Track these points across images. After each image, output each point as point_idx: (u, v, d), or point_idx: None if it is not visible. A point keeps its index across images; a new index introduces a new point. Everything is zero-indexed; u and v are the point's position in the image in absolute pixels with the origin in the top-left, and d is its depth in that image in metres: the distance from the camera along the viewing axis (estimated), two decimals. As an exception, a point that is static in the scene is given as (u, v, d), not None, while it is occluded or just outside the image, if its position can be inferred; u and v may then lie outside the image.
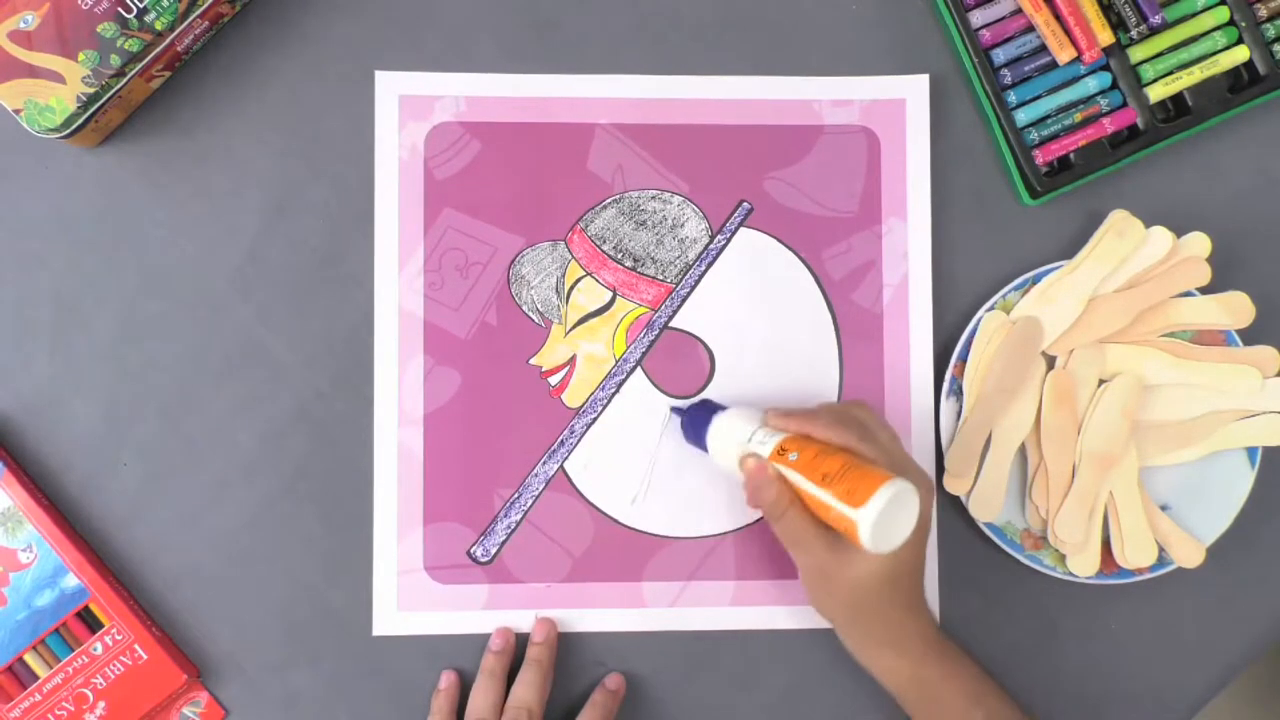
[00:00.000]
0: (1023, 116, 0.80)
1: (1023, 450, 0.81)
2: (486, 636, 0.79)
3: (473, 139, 0.80)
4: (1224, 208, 0.83)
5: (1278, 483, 0.82)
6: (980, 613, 0.81)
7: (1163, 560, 0.80)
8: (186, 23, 0.74)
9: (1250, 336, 0.81)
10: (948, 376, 0.80)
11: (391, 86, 0.80)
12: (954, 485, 0.79)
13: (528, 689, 0.76)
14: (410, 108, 0.80)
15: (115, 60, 0.73)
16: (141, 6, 0.73)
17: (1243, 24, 0.80)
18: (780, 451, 0.70)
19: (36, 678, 0.76)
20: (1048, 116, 0.81)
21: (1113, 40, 0.79)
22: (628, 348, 0.80)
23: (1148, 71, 0.80)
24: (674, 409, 0.80)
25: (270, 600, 0.79)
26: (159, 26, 0.73)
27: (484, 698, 0.76)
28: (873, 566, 0.69)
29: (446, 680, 0.79)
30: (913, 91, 0.81)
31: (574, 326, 0.80)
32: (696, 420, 0.76)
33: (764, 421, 0.73)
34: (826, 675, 0.81)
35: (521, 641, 0.79)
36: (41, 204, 0.79)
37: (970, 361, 0.79)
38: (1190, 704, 0.83)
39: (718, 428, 0.74)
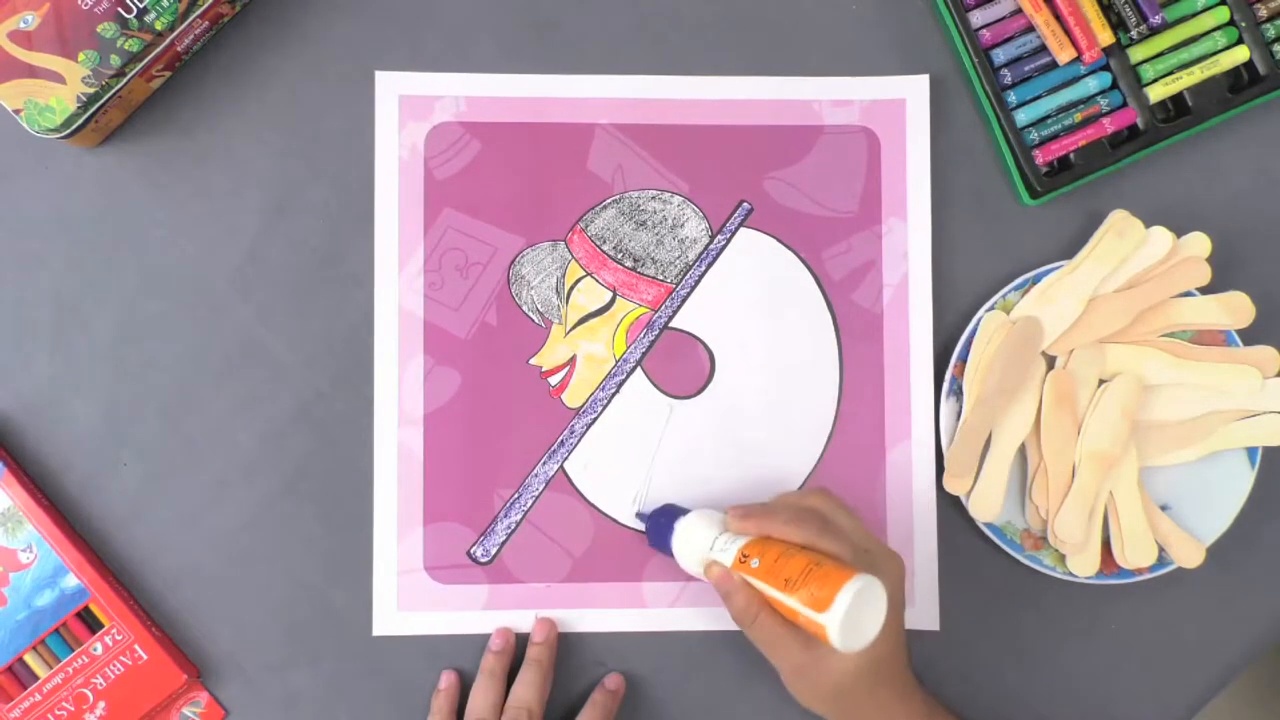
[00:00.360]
0: (1023, 116, 0.80)
1: (1023, 450, 0.81)
2: (487, 636, 0.79)
3: (473, 139, 0.80)
4: (1224, 208, 0.83)
5: (1278, 483, 0.82)
6: (980, 613, 0.81)
7: (1163, 560, 0.80)
8: (186, 23, 0.74)
9: (1250, 336, 0.81)
10: (948, 376, 0.80)
11: (391, 86, 0.80)
12: (954, 485, 0.79)
13: (528, 689, 0.76)
14: (410, 108, 0.80)
15: (115, 60, 0.73)
16: (141, 6, 0.73)
17: (1243, 24, 0.80)
18: (742, 559, 0.70)
19: (36, 678, 0.76)
20: (1048, 116, 0.81)
21: (1113, 40, 0.79)
22: (628, 348, 0.80)
23: (1148, 71, 0.80)
24: (639, 514, 0.80)
25: (270, 600, 0.79)
26: (159, 26, 0.73)
27: (484, 697, 0.76)
28: (850, 660, 0.69)
29: (446, 680, 0.79)
30: (913, 92, 0.81)
31: (574, 326, 0.80)
32: (660, 527, 0.76)
33: (724, 525, 0.73)
34: (826, 675, 0.81)
35: (521, 641, 0.79)
36: (41, 204, 0.79)
37: (970, 361, 0.79)
38: (1190, 704, 0.83)
39: (680, 534, 0.74)
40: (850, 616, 0.63)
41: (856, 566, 0.66)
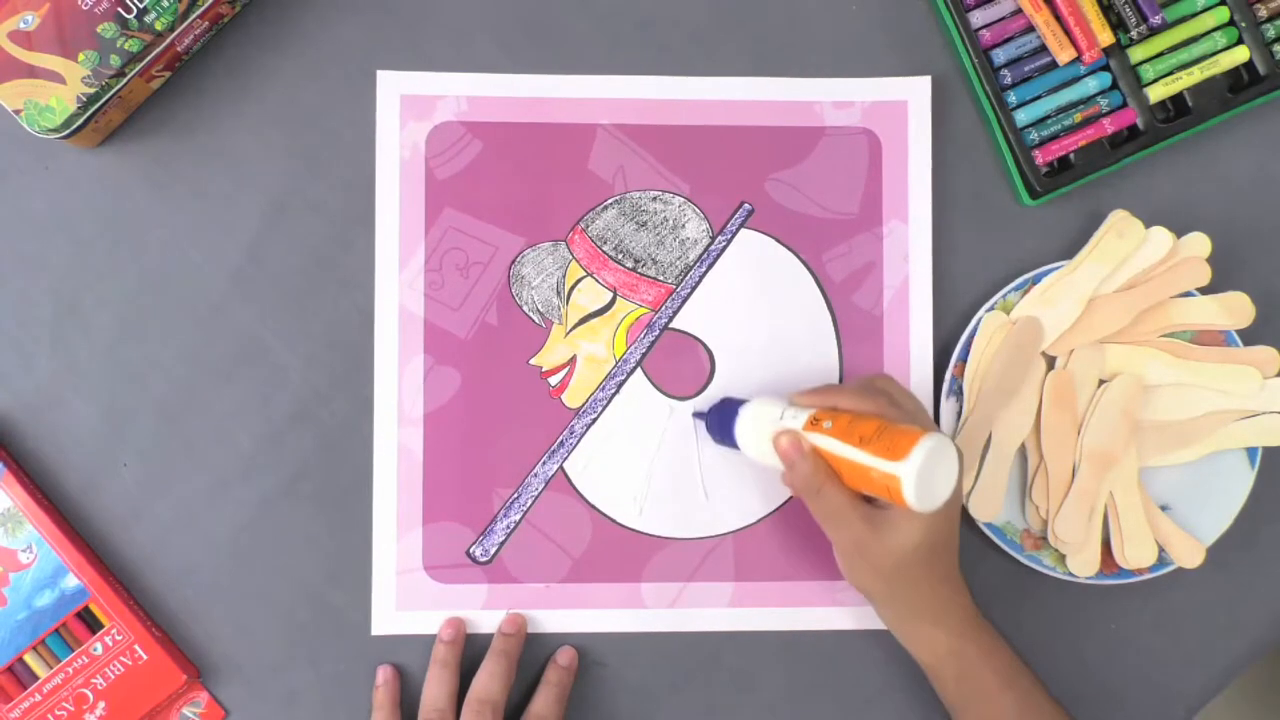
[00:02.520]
0: (1023, 117, 0.80)
1: (1023, 450, 0.81)
2: (486, 636, 0.79)
3: (474, 139, 0.80)
4: (1224, 208, 0.83)
5: (1278, 483, 0.82)
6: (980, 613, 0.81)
7: (1163, 560, 0.80)
8: (186, 23, 0.74)
9: (1250, 336, 0.81)
10: (948, 377, 0.80)
11: (393, 86, 0.80)
12: (954, 485, 0.79)
13: (492, 680, 0.76)
14: (412, 107, 0.80)
15: (115, 60, 0.73)
16: (141, 7, 0.73)
17: (1243, 24, 0.80)
18: (814, 421, 0.70)
19: (36, 678, 0.76)
20: (1048, 117, 0.81)
21: (1113, 40, 0.79)
22: (628, 348, 0.80)
23: (1148, 72, 0.80)
24: (696, 413, 0.80)
25: (270, 600, 0.79)
26: (159, 27, 0.73)
27: (439, 688, 0.76)
28: (910, 536, 0.69)
29: (384, 675, 0.78)
30: (914, 93, 0.81)
31: (574, 327, 0.80)
32: (723, 416, 0.76)
33: (791, 402, 0.73)
34: (825, 676, 0.81)
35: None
36: (41, 204, 0.79)
37: (970, 362, 0.79)
38: (1190, 704, 0.83)
39: (746, 417, 0.74)
40: (925, 469, 0.63)
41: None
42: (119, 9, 0.73)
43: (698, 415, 0.80)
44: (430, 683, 0.76)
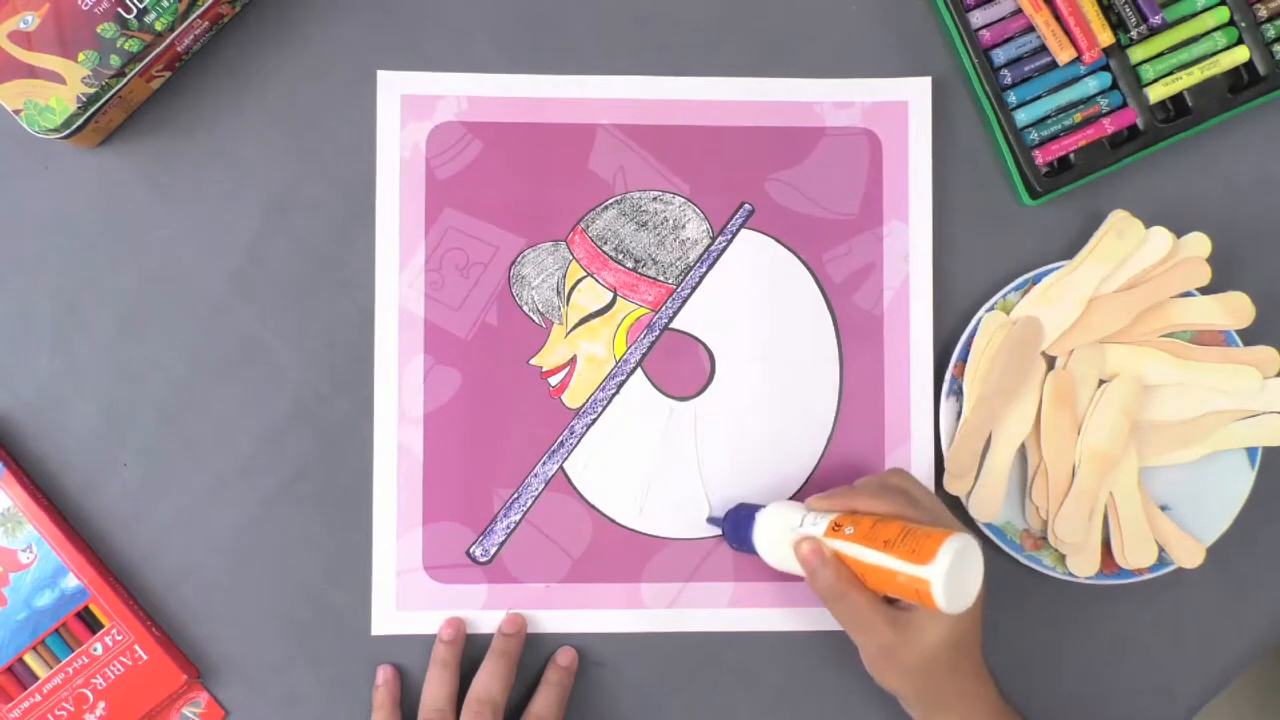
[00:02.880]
0: (1023, 117, 0.80)
1: (1023, 450, 0.81)
2: (486, 636, 0.79)
3: (474, 139, 0.80)
4: (1224, 208, 0.83)
5: (1278, 483, 0.82)
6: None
7: (1163, 560, 0.80)
8: (186, 23, 0.74)
9: (1250, 336, 0.81)
10: (948, 377, 0.80)
11: (393, 86, 0.80)
12: (954, 486, 0.79)
13: (493, 680, 0.76)
14: (412, 107, 0.80)
15: (115, 60, 0.73)
16: (141, 7, 0.73)
17: (1243, 24, 0.80)
18: (835, 528, 0.70)
19: (36, 678, 0.76)
20: (1048, 117, 0.81)
21: (1113, 40, 0.79)
22: (628, 348, 0.80)
23: (1148, 72, 0.80)
24: (710, 519, 0.80)
25: (270, 600, 0.79)
26: (159, 27, 0.73)
27: (440, 688, 0.76)
28: (938, 636, 0.69)
29: (384, 675, 0.78)
30: (915, 94, 0.81)
31: (574, 327, 0.80)
32: (739, 522, 0.76)
33: (809, 508, 0.73)
34: (824, 676, 0.81)
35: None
36: (41, 204, 0.79)
37: (970, 362, 0.79)
38: (1190, 704, 0.83)
39: (764, 524, 0.74)
40: (954, 571, 0.63)
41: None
42: (119, 9, 0.73)
43: (712, 521, 0.80)
44: (430, 683, 0.76)
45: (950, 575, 0.63)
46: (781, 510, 0.74)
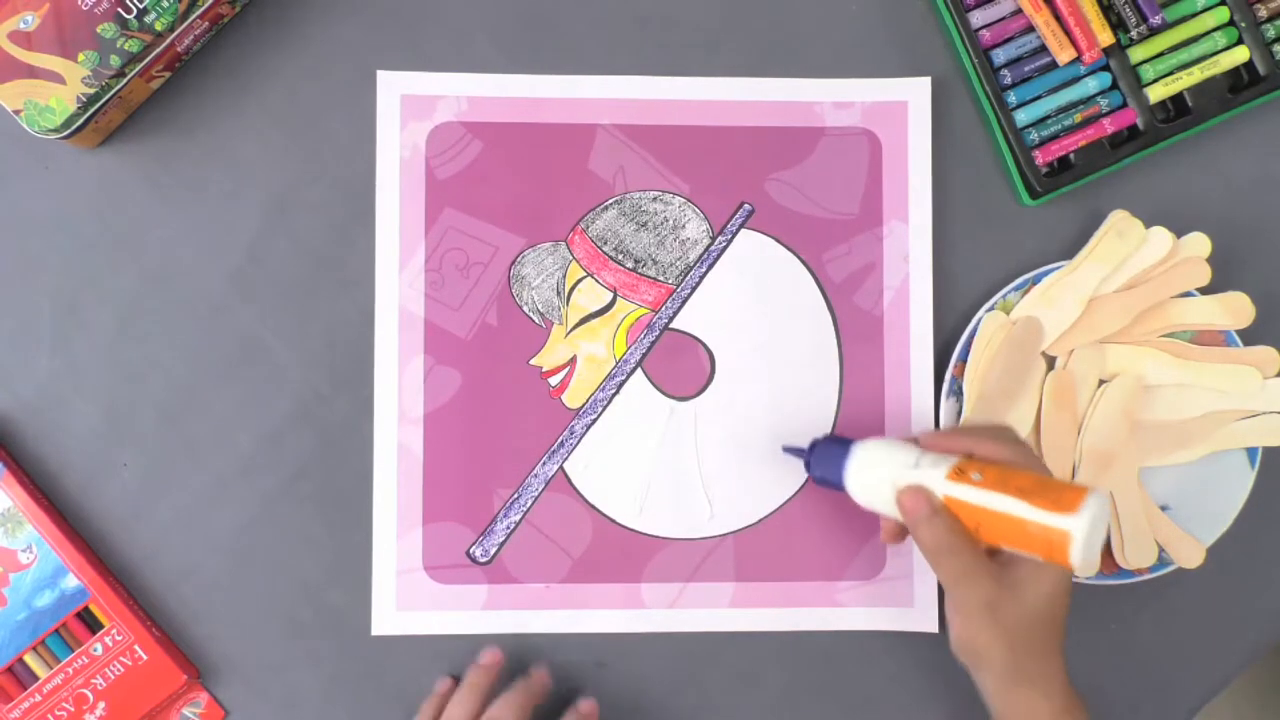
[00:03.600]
0: (1023, 117, 0.80)
1: (1023, 450, 0.81)
2: (485, 637, 0.79)
3: (474, 139, 0.80)
4: (1224, 208, 0.83)
5: (1278, 483, 0.82)
6: (980, 613, 0.81)
7: (1163, 560, 0.80)
8: (186, 23, 0.74)
9: (1250, 336, 0.81)
10: (948, 377, 0.80)
11: (393, 86, 0.80)
12: (954, 485, 0.79)
13: (507, 710, 0.74)
14: (412, 107, 0.80)
15: (115, 61, 0.73)
16: (141, 7, 0.73)
17: (1243, 24, 0.80)
18: (959, 471, 0.66)
19: (36, 678, 0.76)
20: (1048, 117, 0.81)
21: (1113, 40, 0.79)
22: (628, 349, 0.80)
23: (1148, 72, 0.80)
24: (787, 448, 0.77)
25: (270, 600, 0.79)
26: (159, 27, 0.73)
27: (460, 709, 0.74)
28: (1042, 593, 0.67)
29: (442, 687, 0.77)
30: (914, 94, 0.81)
31: (574, 327, 0.80)
32: (829, 454, 0.72)
33: (923, 446, 0.70)
34: (825, 677, 0.81)
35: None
36: (41, 204, 0.79)
37: (970, 362, 0.79)
38: (1190, 704, 0.83)
39: (861, 460, 0.71)
40: (1093, 527, 0.61)
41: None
42: (119, 9, 0.73)
43: (791, 450, 0.76)
44: (454, 702, 0.75)
45: (1091, 530, 0.61)
46: (888, 448, 0.70)
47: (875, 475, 0.70)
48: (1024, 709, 0.70)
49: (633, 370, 0.80)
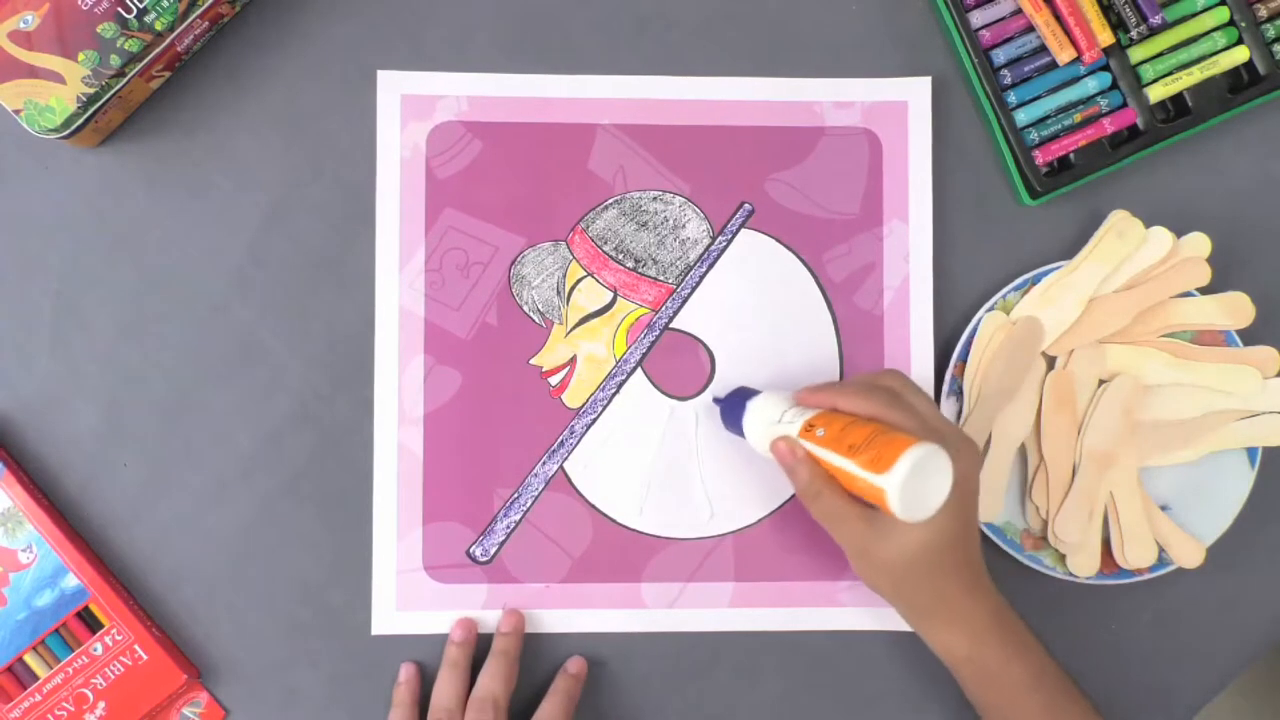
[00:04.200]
0: (1023, 117, 0.80)
1: (1023, 450, 0.81)
2: (487, 636, 0.79)
3: (475, 139, 0.80)
4: (1224, 208, 0.83)
5: (1278, 483, 0.82)
6: (980, 613, 0.81)
7: (1163, 560, 0.80)
8: (186, 23, 0.74)
9: (1250, 336, 0.81)
10: (948, 376, 0.80)
11: (394, 85, 0.80)
12: (954, 485, 0.79)
13: (494, 679, 0.76)
14: (412, 107, 0.80)
15: (115, 60, 0.73)
16: (141, 7, 0.73)
17: (1243, 24, 0.80)
18: (809, 428, 0.69)
19: (36, 678, 0.76)
20: (1048, 117, 0.81)
21: (1113, 40, 0.79)
22: (628, 348, 0.80)
23: (1148, 72, 0.80)
24: (715, 398, 0.80)
25: (270, 600, 0.79)
26: (159, 27, 0.73)
27: (448, 688, 0.76)
28: (913, 537, 0.68)
29: (406, 672, 0.78)
30: (915, 94, 0.81)
31: (575, 327, 0.80)
32: (733, 406, 0.76)
33: (793, 401, 0.73)
34: (825, 677, 0.81)
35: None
36: (41, 204, 0.79)
37: (970, 362, 0.79)
38: (1190, 704, 0.83)
39: (752, 412, 0.74)
40: (911, 481, 0.62)
41: (923, 439, 0.65)
42: (119, 9, 0.73)
43: (716, 400, 0.79)
44: (440, 683, 0.76)
45: (907, 484, 0.62)
46: (768, 401, 0.74)
47: (758, 427, 0.74)
48: (939, 641, 0.73)
49: (633, 370, 0.80)
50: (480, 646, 0.79)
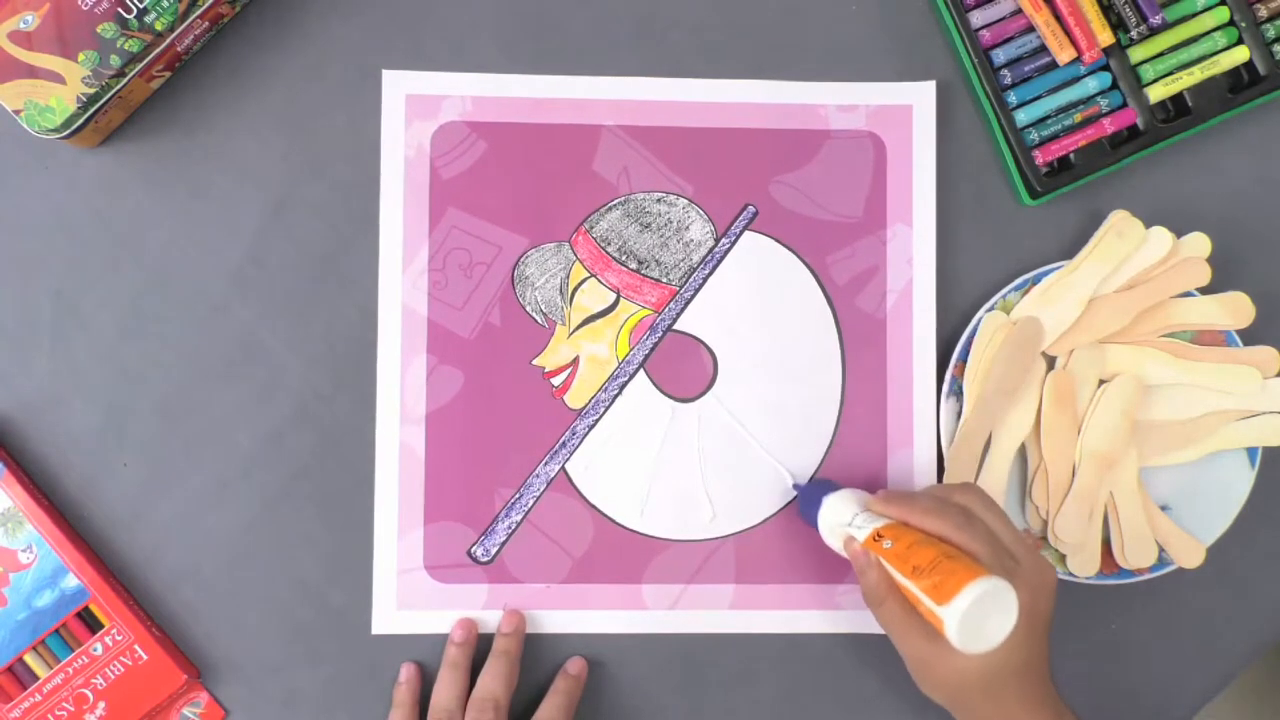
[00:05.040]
0: (1023, 117, 0.80)
1: (1023, 450, 0.81)
2: (487, 636, 0.79)
3: (479, 139, 0.80)
4: (1224, 208, 0.83)
5: (1278, 483, 0.82)
6: (981, 613, 0.81)
7: (1163, 560, 0.80)
8: (186, 23, 0.73)
9: (1250, 336, 0.81)
10: (948, 377, 0.80)
11: (399, 85, 0.80)
12: (955, 486, 0.79)
13: (495, 680, 0.76)
14: (417, 107, 0.80)
15: (115, 60, 0.73)
16: (141, 7, 0.73)
17: (1243, 24, 0.80)
18: (876, 538, 0.69)
19: (37, 678, 0.76)
20: (1048, 117, 0.81)
21: (1113, 40, 0.79)
22: (631, 350, 0.80)
23: (1148, 72, 0.80)
24: (795, 484, 0.80)
25: (270, 600, 0.79)
26: (159, 27, 0.73)
27: (448, 689, 0.76)
28: (974, 663, 0.67)
29: (407, 673, 0.78)
30: (919, 98, 0.81)
31: (577, 328, 0.80)
32: (810, 498, 0.76)
33: (866, 505, 0.72)
34: (825, 679, 0.81)
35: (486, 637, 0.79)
36: (41, 204, 0.79)
37: (970, 362, 0.79)
38: (1190, 704, 0.83)
39: (826, 508, 0.74)
40: (971, 615, 0.61)
41: (992, 568, 0.64)
42: (119, 9, 0.72)
43: (795, 487, 0.80)
44: (440, 684, 0.77)
45: (967, 619, 0.61)
46: (842, 501, 0.74)
47: (830, 525, 0.74)
48: None
49: (635, 371, 0.80)
50: (481, 647, 0.79)
